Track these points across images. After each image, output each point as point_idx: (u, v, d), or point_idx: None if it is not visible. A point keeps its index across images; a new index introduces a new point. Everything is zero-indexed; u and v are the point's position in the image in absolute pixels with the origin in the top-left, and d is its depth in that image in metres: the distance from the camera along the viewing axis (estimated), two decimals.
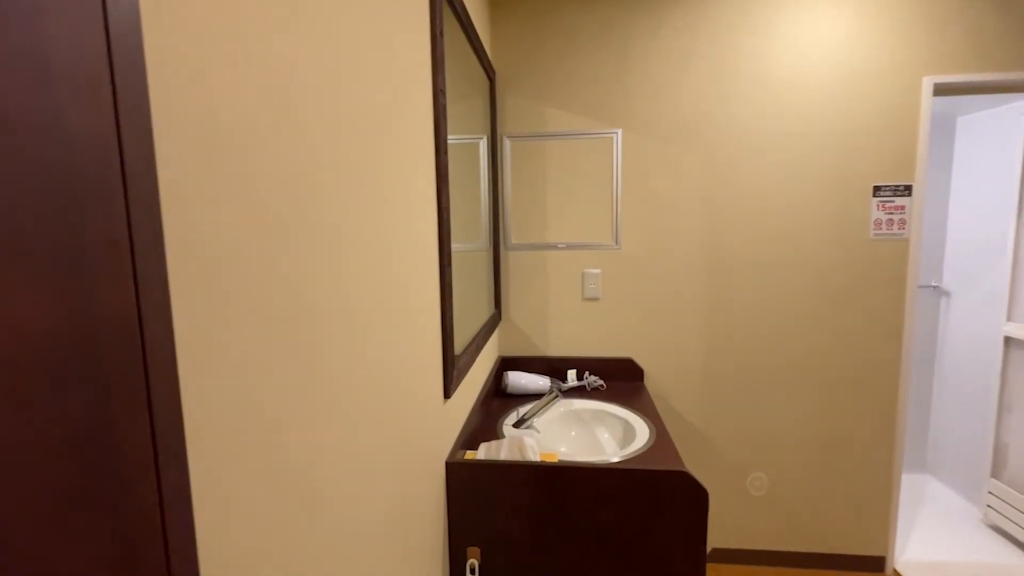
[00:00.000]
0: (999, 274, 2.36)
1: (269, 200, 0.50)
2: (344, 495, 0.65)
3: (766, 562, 2.07)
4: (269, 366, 0.50)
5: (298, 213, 0.55)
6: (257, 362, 0.48)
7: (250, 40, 0.47)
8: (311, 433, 0.57)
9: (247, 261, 0.47)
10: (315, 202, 0.59)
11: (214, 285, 0.42)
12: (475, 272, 1.64)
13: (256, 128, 0.48)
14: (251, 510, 0.47)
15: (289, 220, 0.53)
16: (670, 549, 1.17)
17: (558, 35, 1.93)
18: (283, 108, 0.53)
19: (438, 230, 1.14)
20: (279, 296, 0.51)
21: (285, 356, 0.52)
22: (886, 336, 1.93)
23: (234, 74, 0.45)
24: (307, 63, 0.57)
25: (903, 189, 1.87)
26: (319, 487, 0.59)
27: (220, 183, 0.43)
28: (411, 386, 0.94)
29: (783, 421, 2.01)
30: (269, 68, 0.50)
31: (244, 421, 0.46)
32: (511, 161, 2.01)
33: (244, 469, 0.46)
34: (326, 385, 0.61)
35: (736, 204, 1.93)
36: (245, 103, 0.47)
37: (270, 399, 0.50)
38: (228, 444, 0.44)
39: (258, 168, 0.48)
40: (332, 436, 0.62)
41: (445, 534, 1.19)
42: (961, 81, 1.80)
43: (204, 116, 0.41)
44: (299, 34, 0.56)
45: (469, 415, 1.45)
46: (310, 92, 0.58)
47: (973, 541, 2.22)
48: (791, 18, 1.83)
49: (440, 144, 1.14)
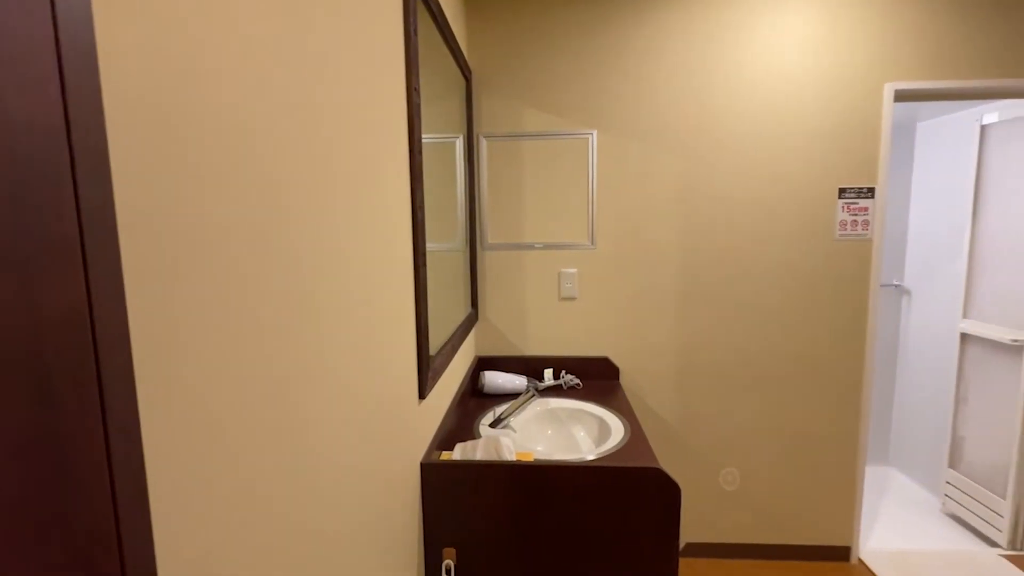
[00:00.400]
0: (956, 273, 2.46)
1: (233, 197, 0.49)
2: (313, 498, 0.64)
3: (738, 555, 2.12)
4: (232, 366, 0.49)
5: (264, 211, 0.54)
6: (220, 362, 0.47)
7: (214, 30, 0.46)
8: (277, 435, 0.56)
9: (209, 259, 0.45)
10: (283, 200, 0.58)
11: (173, 283, 0.41)
12: (452, 272, 1.64)
13: (219, 123, 0.47)
14: (214, 514, 0.46)
15: (254, 218, 0.52)
16: (644, 544, 1.18)
17: (534, 36, 1.94)
18: (247, 104, 0.51)
19: (412, 230, 1.13)
20: (243, 294, 0.50)
21: (250, 355, 0.51)
22: (851, 333, 1.99)
23: (196, 67, 0.44)
24: (274, 58, 0.56)
25: (866, 191, 1.93)
26: (287, 490, 0.58)
27: (180, 178, 0.42)
28: (384, 387, 0.93)
29: (754, 417, 2.06)
30: (231, 61, 0.49)
31: (207, 422, 0.45)
32: (487, 161, 2.00)
33: (207, 472, 0.45)
34: (292, 385, 0.60)
35: (709, 205, 1.97)
36: (207, 96, 0.45)
37: (234, 399, 0.49)
38: (190, 447, 0.43)
39: (220, 164, 0.47)
40: (299, 438, 0.61)
41: (420, 535, 1.18)
42: (920, 88, 1.87)
43: (163, 107, 0.40)
44: (265, 27, 0.54)
45: (445, 415, 1.44)
46: (276, 89, 0.57)
47: (932, 529, 2.31)
48: (762, 22, 1.88)
49: (414, 143, 1.13)
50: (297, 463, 0.60)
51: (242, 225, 0.50)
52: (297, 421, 0.60)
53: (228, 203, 0.48)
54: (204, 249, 0.45)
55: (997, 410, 2.20)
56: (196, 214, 0.44)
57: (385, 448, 0.93)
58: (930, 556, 2.10)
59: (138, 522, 0.37)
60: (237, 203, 0.49)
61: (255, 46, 0.53)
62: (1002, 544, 2.15)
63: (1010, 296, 2.14)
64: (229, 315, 0.48)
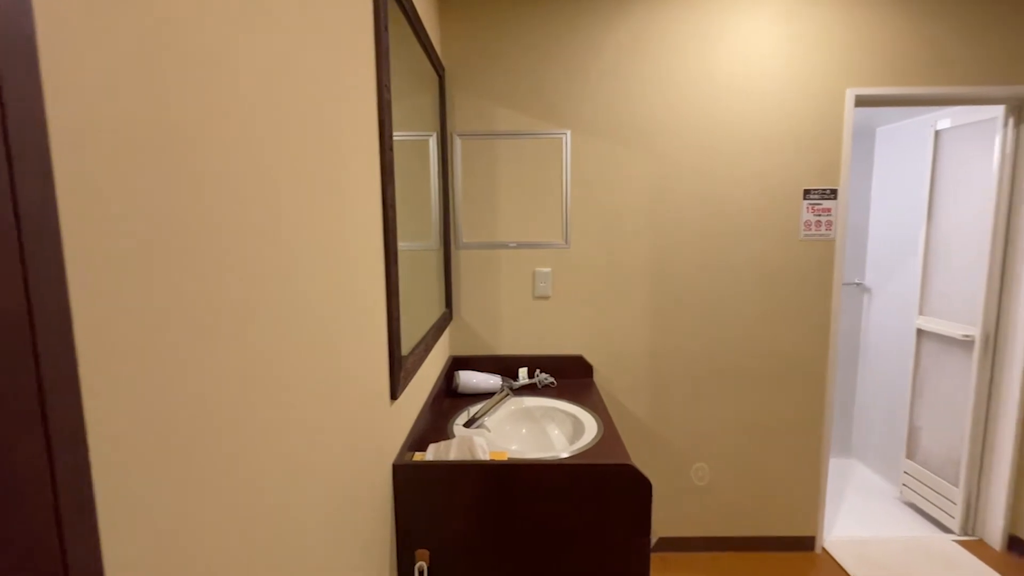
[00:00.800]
0: (912, 272, 2.57)
1: (183, 195, 0.47)
2: (280, 502, 0.63)
3: (709, 548, 2.16)
4: (187, 367, 0.47)
5: (220, 210, 0.52)
6: (175, 364, 0.45)
7: (173, 20, 0.44)
8: (233, 438, 0.55)
9: (162, 260, 0.44)
10: (241, 199, 0.56)
11: (125, 283, 0.39)
12: (425, 271, 1.62)
13: (173, 116, 0.45)
14: (169, 521, 0.44)
15: (208, 217, 0.51)
16: (617, 540, 1.19)
17: (508, 35, 1.94)
18: (204, 100, 0.50)
19: (383, 228, 1.12)
20: (198, 294, 0.49)
21: (206, 356, 0.50)
22: (815, 331, 2.06)
23: (148, 56, 0.42)
24: (235, 53, 0.54)
25: (829, 193, 2.00)
26: (251, 495, 0.56)
27: (131, 175, 0.40)
28: (354, 388, 0.91)
29: (723, 413, 2.10)
30: (190, 54, 0.47)
31: (161, 427, 0.43)
32: (462, 159, 1.99)
33: (162, 476, 0.43)
34: (250, 388, 0.58)
35: (680, 206, 2.01)
36: (155, 89, 0.43)
37: (189, 402, 0.47)
38: (142, 450, 0.41)
39: (170, 162, 0.45)
40: (264, 441, 0.60)
41: (392, 537, 1.17)
42: (879, 94, 1.94)
43: (111, 93, 0.38)
44: (227, 19, 0.53)
45: (418, 416, 1.43)
46: (239, 85, 0.55)
47: (891, 517, 2.41)
48: (730, 28, 1.92)
49: (385, 140, 1.12)
50: (256, 467, 0.59)
51: (193, 224, 0.48)
52: (256, 424, 0.59)
53: (178, 201, 0.46)
54: (156, 249, 0.43)
55: (950, 403, 2.31)
56: (145, 213, 0.42)
57: (354, 451, 0.91)
58: (888, 543, 2.18)
59: (83, 535, 0.35)
60: (188, 201, 0.48)
61: (210, 36, 0.51)
62: (955, 530, 2.26)
63: (961, 293, 2.25)
64: (185, 316, 0.46)
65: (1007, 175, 2.07)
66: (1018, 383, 2.06)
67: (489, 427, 1.61)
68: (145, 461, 0.41)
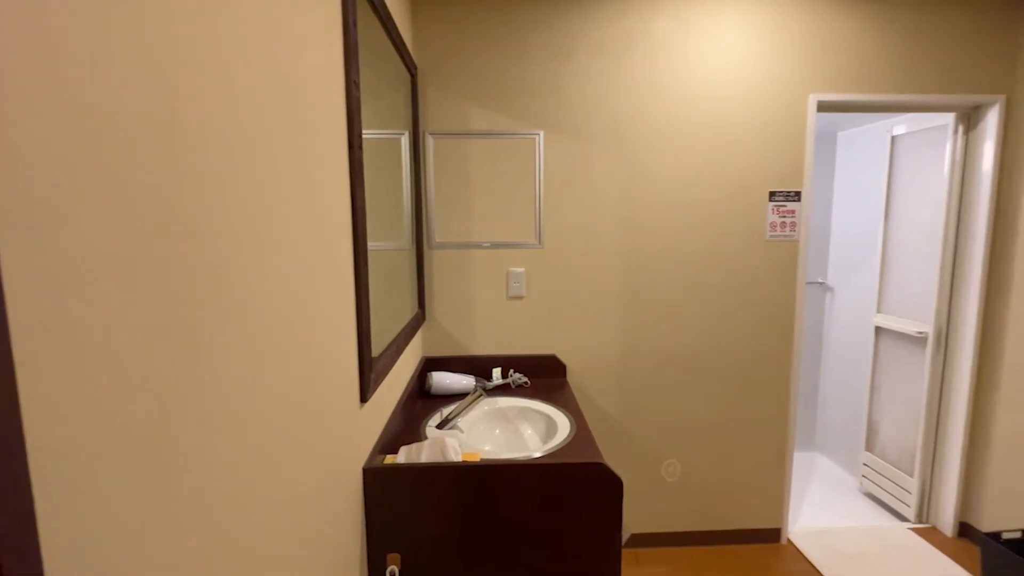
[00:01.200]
0: (871, 271, 2.68)
1: (144, 196, 0.45)
2: (240, 508, 0.61)
3: (679, 543, 2.21)
4: (138, 370, 0.45)
5: (177, 208, 0.50)
6: (123, 368, 0.43)
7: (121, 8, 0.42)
8: (197, 442, 0.53)
9: (111, 261, 0.42)
10: (201, 197, 0.54)
11: (68, 287, 0.37)
12: (397, 271, 1.60)
13: (126, 111, 0.43)
14: (118, 531, 0.42)
15: (161, 215, 0.49)
16: (589, 538, 1.21)
17: (481, 35, 1.93)
18: (159, 97, 0.48)
19: (352, 228, 1.10)
20: (151, 293, 0.47)
21: (158, 359, 0.48)
22: (780, 329, 2.12)
23: (88, 40, 0.40)
24: (191, 50, 0.52)
25: (794, 195, 2.06)
26: (209, 500, 0.54)
27: (80, 172, 0.38)
28: (323, 392, 0.90)
29: (693, 409, 2.15)
30: (142, 47, 0.45)
31: (113, 432, 0.41)
32: (434, 158, 1.98)
33: (109, 487, 0.41)
34: (214, 390, 0.56)
35: (650, 207, 2.04)
36: (112, 80, 0.42)
37: (139, 408, 0.45)
38: (89, 456, 0.39)
39: (128, 160, 0.43)
40: (224, 446, 0.58)
41: (363, 542, 1.15)
42: (839, 100, 2.02)
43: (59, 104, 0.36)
44: (184, 15, 0.51)
45: (390, 418, 1.41)
46: (197, 83, 0.53)
47: (851, 507, 2.51)
48: (699, 34, 1.96)
49: (354, 138, 1.10)
50: (215, 473, 0.57)
51: (146, 222, 0.46)
52: (214, 428, 0.57)
53: (126, 198, 0.44)
54: (104, 250, 0.41)
55: (906, 397, 2.41)
56: (90, 212, 0.40)
57: (322, 455, 0.89)
58: (848, 532, 2.27)
59: (24, 550, 0.33)
60: (138, 198, 0.46)
61: (164, 38, 0.49)
62: (910, 518, 2.36)
63: (915, 292, 2.35)
64: (139, 318, 0.44)
65: (957, 180, 2.17)
66: (967, 378, 2.17)
67: (462, 428, 1.60)
68: (93, 467, 0.39)
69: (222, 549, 0.57)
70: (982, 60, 2.02)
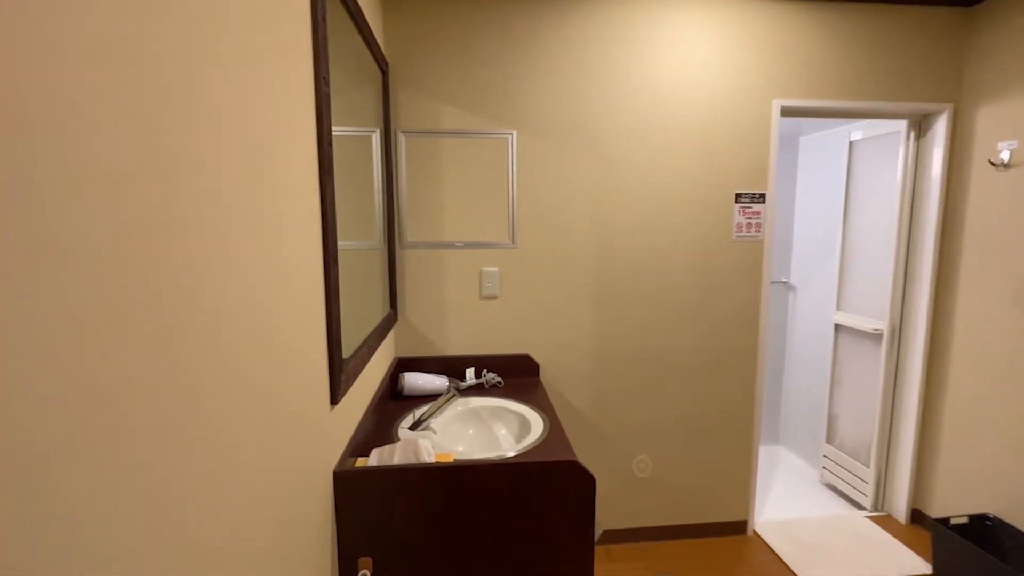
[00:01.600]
0: (831, 271, 2.79)
1: (87, 191, 0.43)
2: (203, 516, 0.59)
3: (650, 538, 2.25)
4: (93, 374, 0.43)
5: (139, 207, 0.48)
6: (75, 374, 0.41)
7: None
8: (157, 445, 0.51)
9: (67, 263, 0.40)
10: (164, 196, 0.52)
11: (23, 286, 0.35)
12: (368, 271, 1.58)
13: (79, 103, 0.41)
14: (74, 538, 0.40)
15: (119, 215, 0.47)
16: (562, 535, 1.21)
17: (454, 33, 1.92)
18: (119, 90, 0.46)
19: (322, 226, 1.08)
20: (104, 294, 0.45)
21: (115, 362, 0.46)
22: (746, 326, 2.19)
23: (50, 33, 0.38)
24: (151, 42, 0.50)
25: (759, 197, 2.13)
26: (173, 510, 0.52)
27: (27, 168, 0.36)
28: (291, 394, 0.87)
29: (663, 406, 2.19)
30: (97, 38, 0.43)
31: (66, 429, 0.39)
32: (406, 157, 1.96)
33: (67, 494, 0.39)
34: (176, 394, 0.54)
35: (622, 207, 2.07)
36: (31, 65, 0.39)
37: (96, 412, 0.43)
38: (35, 460, 0.37)
39: (84, 151, 0.41)
40: (185, 451, 0.56)
41: (333, 547, 1.13)
42: (801, 105, 2.09)
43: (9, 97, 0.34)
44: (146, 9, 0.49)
45: (361, 420, 1.39)
46: (159, 77, 0.51)
47: (812, 498, 2.60)
48: (668, 39, 2.00)
49: (324, 135, 1.08)
50: (188, 479, 0.55)
51: (104, 220, 0.44)
52: (175, 432, 0.55)
53: (80, 197, 0.42)
54: (60, 251, 0.39)
55: (863, 391, 2.52)
56: (40, 213, 0.38)
57: (290, 459, 0.87)
58: (809, 522, 2.36)
59: None
60: (94, 196, 0.44)
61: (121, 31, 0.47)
62: (867, 507, 2.47)
63: (871, 291, 2.46)
64: (96, 318, 0.42)
65: (909, 184, 2.28)
66: (919, 372, 2.29)
67: (435, 429, 1.59)
68: (42, 472, 0.37)
69: (179, 558, 0.55)
70: (932, 71, 2.13)
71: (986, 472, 2.06)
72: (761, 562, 2.10)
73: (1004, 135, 1.99)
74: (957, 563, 1.90)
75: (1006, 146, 1.98)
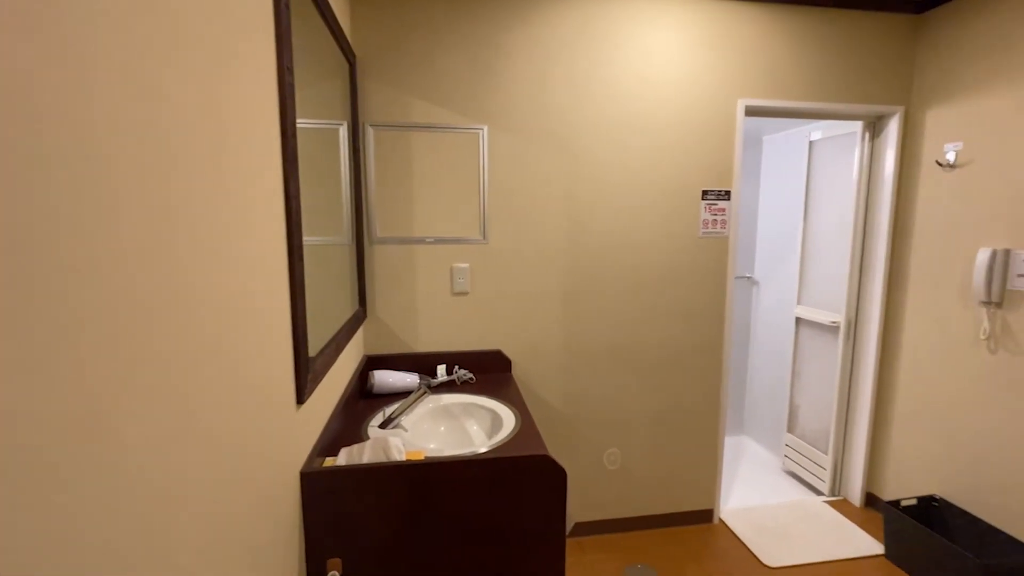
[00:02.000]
0: (793, 266, 2.89)
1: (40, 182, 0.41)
2: (155, 526, 0.57)
3: (620, 529, 2.29)
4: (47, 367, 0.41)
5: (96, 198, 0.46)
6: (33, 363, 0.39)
7: None
8: (115, 449, 0.48)
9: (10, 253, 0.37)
10: (116, 189, 0.49)
11: None
12: (336, 267, 1.54)
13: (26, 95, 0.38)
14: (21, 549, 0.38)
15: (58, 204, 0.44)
16: (534, 530, 1.22)
17: (423, 27, 1.89)
18: (58, 70, 0.43)
19: (287, 220, 1.04)
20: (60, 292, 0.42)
21: (74, 363, 0.43)
22: (712, 321, 2.24)
23: None
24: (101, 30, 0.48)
25: (724, 194, 2.18)
26: (120, 520, 0.50)
27: None
28: (254, 394, 0.85)
29: (633, 400, 2.23)
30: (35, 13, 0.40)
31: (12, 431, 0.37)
32: (375, 151, 1.92)
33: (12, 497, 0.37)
34: (134, 397, 0.52)
35: (593, 204, 2.09)
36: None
37: (52, 406, 0.41)
38: None
39: (16, 140, 0.39)
40: (145, 455, 0.53)
41: (301, 549, 1.10)
42: (764, 105, 2.15)
43: None
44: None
45: (329, 420, 1.36)
46: (104, 63, 0.48)
47: (775, 485, 2.70)
48: (636, 37, 2.02)
49: (288, 126, 1.04)
50: (123, 484, 0.52)
51: (39, 214, 0.42)
52: (135, 435, 0.52)
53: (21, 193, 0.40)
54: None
55: (822, 381, 2.63)
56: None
57: (255, 461, 0.85)
58: (771, 508, 2.45)
59: None
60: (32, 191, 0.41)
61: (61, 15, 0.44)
62: (825, 492, 2.58)
63: (829, 285, 2.56)
64: (44, 316, 0.40)
65: (864, 183, 2.38)
66: (872, 363, 2.40)
67: (406, 427, 1.57)
68: None
69: (135, 563, 0.53)
70: (885, 74, 2.23)
71: (932, 456, 2.18)
72: (726, 549, 2.17)
73: (950, 137, 2.10)
74: (906, 542, 2.01)
75: (952, 147, 2.09)
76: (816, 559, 2.09)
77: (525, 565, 1.23)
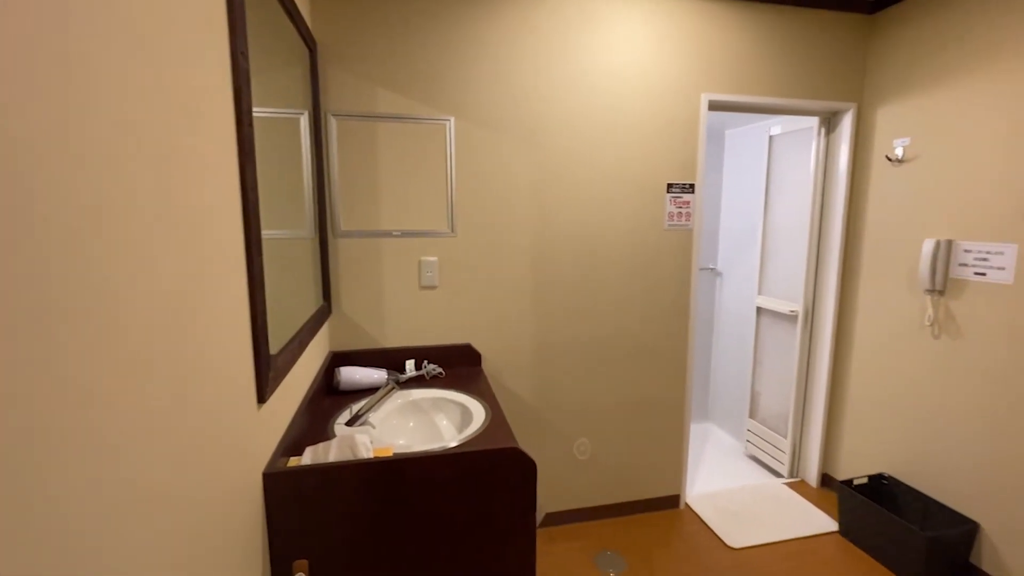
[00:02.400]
0: (754, 257, 2.98)
1: None
2: (112, 532, 0.53)
3: (590, 518, 2.33)
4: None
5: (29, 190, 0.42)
6: None
7: None
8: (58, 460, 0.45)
9: None
10: (52, 179, 0.46)
11: None
12: (298, 262, 1.49)
13: None
14: None
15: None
16: (504, 522, 1.22)
17: (387, 12, 1.84)
18: None
19: (243, 213, 1.00)
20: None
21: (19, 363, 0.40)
22: (677, 311, 2.29)
23: None
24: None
25: (688, 187, 2.22)
26: (75, 529, 0.47)
27: None
28: (211, 394, 0.81)
29: (601, 390, 2.26)
30: None
31: None
32: (338, 141, 1.87)
33: None
34: (80, 398, 0.48)
35: (560, 196, 2.09)
36: None
37: None
38: None
39: None
40: (92, 464, 0.50)
41: (265, 552, 1.07)
42: (726, 100, 2.20)
43: None
44: None
45: (293, 418, 1.32)
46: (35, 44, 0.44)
47: (738, 469, 2.80)
48: (602, 31, 2.03)
49: (243, 115, 1.00)
50: (81, 495, 0.49)
51: None
52: (81, 443, 0.49)
53: None
54: None
55: (781, 368, 2.73)
56: None
57: (213, 464, 0.81)
58: (734, 491, 2.54)
59: None
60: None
61: None
62: (784, 474, 2.69)
63: (788, 276, 2.66)
64: None
65: (820, 177, 2.47)
66: (828, 350, 2.50)
67: (374, 423, 1.55)
68: None
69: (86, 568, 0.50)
70: (839, 71, 2.31)
71: (882, 436, 2.30)
72: (692, 532, 2.23)
73: (899, 133, 2.20)
74: (859, 518, 2.12)
75: (900, 143, 2.19)
76: (776, 538, 2.18)
77: (496, 558, 1.23)
